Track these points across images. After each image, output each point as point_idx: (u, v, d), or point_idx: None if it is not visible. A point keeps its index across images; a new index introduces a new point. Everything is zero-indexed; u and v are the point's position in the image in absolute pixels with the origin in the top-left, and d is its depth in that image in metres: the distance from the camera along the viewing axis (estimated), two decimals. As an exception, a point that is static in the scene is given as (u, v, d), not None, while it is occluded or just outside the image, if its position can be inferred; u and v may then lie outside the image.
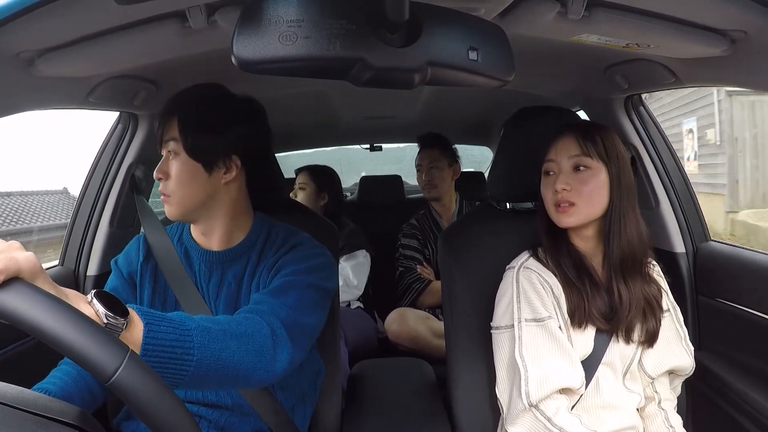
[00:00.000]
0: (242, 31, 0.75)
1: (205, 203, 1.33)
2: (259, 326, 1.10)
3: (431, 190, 3.02)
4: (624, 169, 1.39)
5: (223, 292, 1.36)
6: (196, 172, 1.30)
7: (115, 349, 0.66)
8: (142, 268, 1.41)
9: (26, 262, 0.69)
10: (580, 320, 1.38)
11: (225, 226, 1.37)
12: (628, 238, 1.38)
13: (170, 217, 1.34)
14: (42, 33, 1.03)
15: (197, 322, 0.97)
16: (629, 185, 1.40)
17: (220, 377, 1.00)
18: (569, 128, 1.42)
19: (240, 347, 1.02)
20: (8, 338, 1.55)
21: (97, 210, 1.96)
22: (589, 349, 1.39)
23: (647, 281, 1.43)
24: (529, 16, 1.13)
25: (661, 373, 1.44)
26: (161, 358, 0.88)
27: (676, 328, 1.47)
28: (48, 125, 39.68)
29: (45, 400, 0.74)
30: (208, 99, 1.35)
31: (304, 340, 1.22)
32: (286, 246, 1.37)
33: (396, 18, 0.75)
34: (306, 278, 1.27)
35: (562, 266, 1.42)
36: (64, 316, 0.65)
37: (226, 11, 1.04)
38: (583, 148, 1.37)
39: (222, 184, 1.34)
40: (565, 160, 1.39)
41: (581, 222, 1.39)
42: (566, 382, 1.32)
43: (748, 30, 1.13)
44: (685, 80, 1.49)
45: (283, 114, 2.72)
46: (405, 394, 1.83)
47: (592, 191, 1.36)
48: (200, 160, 1.30)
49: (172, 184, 1.31)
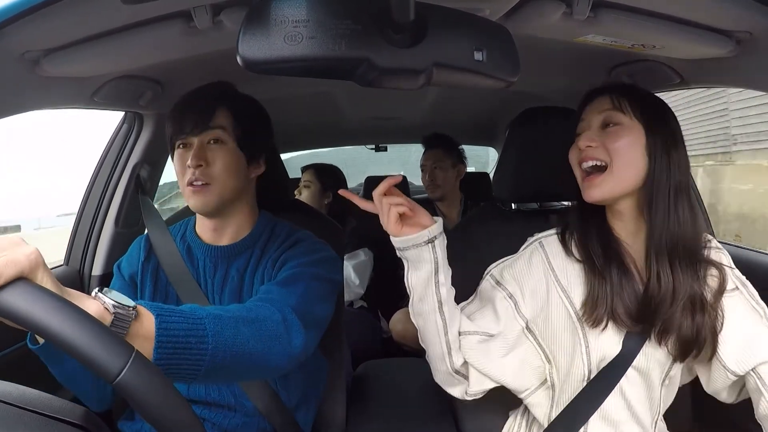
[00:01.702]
0: (248, 31, 0.75)
1: (239, 195, 1.37)
2: (270, 312, 1.09)
3: (434, 190, 3.04)
4: (675, 140, 1.18)
5: (227, 286, 1.37)
6: (240, 162, 1.35)
7: (121, 348, 0.65)
8: (143, 268, 1.41)
9: (27, 260, 0.68)
10: (597, 317, 1.19)
11: (240, 220, 1.41)
12: (680, 220, 1.16)
13: (204, 206, 1.32)
14: (47, 33, 1.03)
15: (207, 311, 0.97)
16: (682, 162, 1.18)
17: (237, 365, 0.98)
18: (605, 87, 1.26)
19: (253, 333, 1.01)
20: (9, 338, 1.55)
21: (102, 210, 1.97)
22: (615, 350, 1.21)
23: (698, 277, 1.18)
24: (535, 17, 1.13)
25: (752, 366, 1.14)
26: (176, 349, 0.86)
27: (752, 306, 1.20)
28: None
29: (48, 399, 0.73)
30: (250, 100, 1.43)
31: (315, 328, 1.22)
32: (289, 241, 1.38)
33: (401, 18, 0.75)
34: (313, 270, 1.28)
35: (589, 249, 1.23)
36: (68, 315, 0.64)
37: (232, 11, 1.04)
38: (615, 102, 1.20)
39: (251, 177, 1.42)
40: (594, 116, 1.22)
41: (614, 193, 1.19)
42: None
43: (754, 31, 1.13)
44: (690, 81, 1.49)
45: (288, 114, 2.73)
46: (410, 395, 1.83)
47: (624, 150, 1.17)
48: (246, 152, 1.36)
49: (216, 171, 1.31)
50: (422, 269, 1.15)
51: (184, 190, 1.33)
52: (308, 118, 3.01)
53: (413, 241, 1.13)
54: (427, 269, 1.15)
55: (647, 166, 1.17)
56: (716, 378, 1.19)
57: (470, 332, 1.24)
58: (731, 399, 1.24)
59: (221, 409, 1.35)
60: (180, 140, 1.34)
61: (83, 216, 1.99)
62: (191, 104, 1.34)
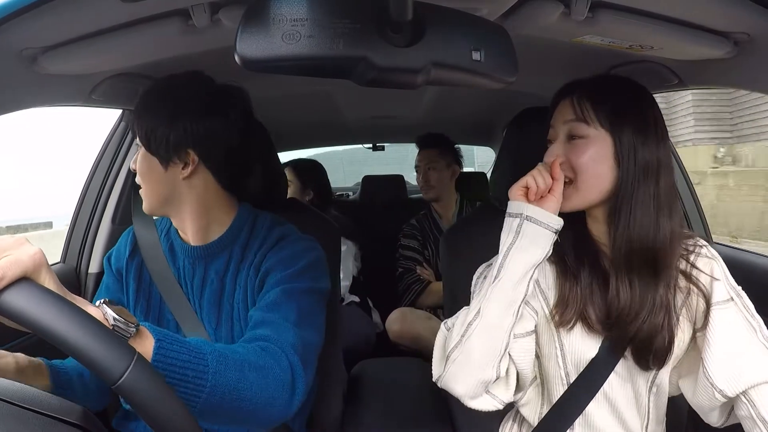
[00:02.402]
0: (245, 29, 0.74)
1: (169, 199, 1.31)
2: (279, 358, 1.05)
3: (429, 191, 3.04)
4: (645, 137, 1.12)
5: (206, 290, 1.33)
6: (153, 165, 1.28)
7: (123, 352, 0.65)
8: (128, 263, 1.40)
9: (31, 260, 0.68)
10: (566, 318, 1.16)
11: (196, 221, 1.33)
12: (640, 226, 1.11)
13: (144, 210, 1.34)
14: (45, 30, 1.03)
15: (214, 347, 0.94)
16: (652, 161, 1.12)
17: (234, 411, 0.95)
18: (571, 86, 1.20)
19: (259, 380, 0.98)
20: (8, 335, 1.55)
21: (99, 207, 1.97)
22: (590, 354, 1.18)
23: (668, 283, 1.14)
24: (533, 17, 1.13)
25: (742, 388, 1.08)
26: (172, 379, 0.84)
27: (746, 320, 1.12)
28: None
29: (47, 397, 0.73)
30: (166, 90, 1.29)
31: (313, 360, 1.19)
32: (270, 239, 1.32)
33: (400, 18, 0.75)
34: (299, 284, 1.23)
35: (563, 248, 1.20)
36: (72, 317, 0.64)
37: (230, 9, 1.04)
38: (577, 110, 1.15)
39: (181, 179, 1.28)
40: (561, 126, 1.18)
41: (585, 204, 1.16)
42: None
43: (752, 32, 1.13)
44: (688, 82, 1.49)
45: (286, 113, 2.73)
46: (406, 394, 1.83)
47: (588, 165, 1.12)
48: (155, 153, 1.27)
49: (139, 177, 1.31)
50: (531, 253, 1.10)
51: None
52: (306, 117, 3.01)
53: (546, 220, 1.10)
54: (536, 256, 1.10)
55: (615, 173, 1.13)
56: (701, 395, 1.14)
57: (522, 335, 1.18)
58: (718, 422, 1.18)
59: None
60: None
61: (80, 213, 1.99)
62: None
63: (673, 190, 1.17)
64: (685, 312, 1.18)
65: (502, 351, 1.12)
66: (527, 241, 1.10)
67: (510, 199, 1.15)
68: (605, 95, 1.16)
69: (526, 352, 1.18)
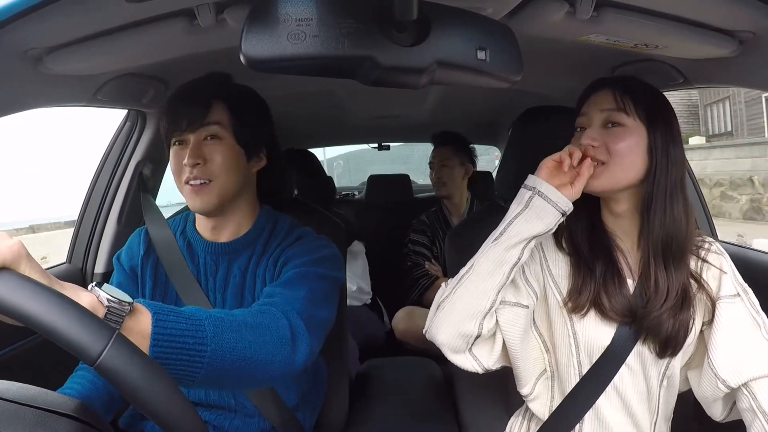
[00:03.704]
0: (251, 29, 0.75)
1: (239, 192, 1.35)
2: (276, 317, 1.07)
3: (441, 187, 3.05)
4: (673, 137, 1.18)
5: (230, 284, 1.36)
6: (240, 158, 1.33)
7: (101, 330, 0.65)
8: (143, 263, 1.40)
9: (9, 251, 0.68)
10: (580, 304, 1.20)
11: (240, 216, 1.38)
12: (675, 218, 1.17)
13: (204, 206, 1.30)
14: (50, 30, 1.04)
15: (209, 313, 0.95)
16: (679, 158, 1.18)
17: (237, 371, 0.96)
18: (608, 80, 1.25)
19: (257, 338, 0.99)
20: (12, 337, 1.55)
21: (105, 208, 1.97)
22: (604, 342, 1.20)
23: (689, 273, 1.20)
24: (538, 16, 1.13)
25: (745, 379, 1.12)
26: (173, 349, 0.85)
27: (752, 315, 1.17)
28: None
29: (43, 393, 0.73)
30: (247, 91, 1.40)
31: (321, 332, 1.21)
32: (291, 237, 1.36)
33: (404, 17, 0.75)
34: (316, 269, 1.26)
35: (577, 242, 1.26)
36: (47, 300, 0.64)
37: (235, 9, 1.04)
38: (618, 102, 1.18)
39: (252, 173, 1.39)
40: (596, 113, 1.21)
41: (613, 186, 1.19)
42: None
43: (757, 31, 1.13)
44: (693, 80, 1.48)
45: (291, 112, 2.73)
46: (412, 393, 1.83)
47: (625, 152, 1.16)
48: (245, 147, 1.33)
49: (215, 169, 1.28)
50: (533, 225, 1.15)
51: (182, 189, 1.31)
52: (310, 116, 3.01)
53: (556, 199, 1.14)
54: (537, 229, 1.15)
55: (647, 166, 1.18)
56: (705, 385, 1.18)
57: (511, 303, 1.22)
58: (720, 416, 1.22)
59: (221, 411, 1.35)
60: (176, 137, 1.31)
61: (86, 214, 1.99)
62: (186, 99, 1.31)
63: (687, 189, 1.23)
64: (696, 304, 1.21)
65: (487, 309, 1.17)
66: (533, 214, 1.15)
67: (536, 170, 1.19)
68: (642, 93, 1.20)
69: (513, 324, 1.22)
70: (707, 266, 1.22)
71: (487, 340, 1.23)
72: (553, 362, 1.30)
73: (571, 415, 1.26)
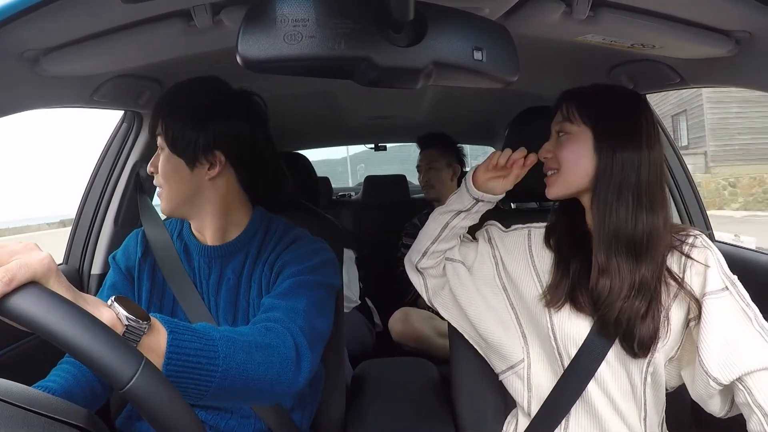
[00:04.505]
0: (247, 30, 0.75)
1: (191, 199, 1.33)
2: (282, 337, 1.08)
3: (429, 190, 3.05)
4: (623, 138, 1.22)
5: (223, 288, 1.36)
6: (178, 167, 1.30)
7: (131, 356, 0.65)
8: (140, 264, 1.41)
9: (39, 264, 0.67)
10: (557, 297, 1.27)
11: (217, 222, 1.36)
12: (620, 216, 1.21)
13: (162, 211, 1.35)
14: (47, 32, 1.03)
15: (222, 333, 0.96)
16: (629, 159, 1.21)
17: (243, 390, 0.98)
18: (560, 100, 1.34)
19: (265, 359, 1.01)
20: (11, 336, 1.55)
21: (102, 208, 1.97)
22: (581, 334, 1.25)
23: (654, 273, 1.21)
24: (534, 16, 1.13)
25: (736, 374, 1.11)
26: (186, 368, 0.86)
27: (741, 308, 1.16)
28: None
29: (51, 400, 0.73)
30: (192, 93, 1.33)
31: (320, 345, 1.22)
32: (286, 240, 1.36)
33: (401, 17, 0.75)
34: (313, 277, 1.27)
35: (559, 238, 1.36)
36: (80, 323, 0.64)
37: (232, 10, 1.04)
38: (564, 113, 1.30)
39: (207, 180, 1.32)
40: (553, 128, 1.34)
41: (565, 192, 1.30)
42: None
43: (753, 31, 1.13)
44: (690, 81, 1.48)
45: (288, 113, 2.73)
46: (409, 394, 1.83)
47: (570, 156, 1.26)
48: (181, 155, 1.29)
49: (160, 179, 1.32)
50: (456, 203, 1.43)
51: None
52: (308, 118, 3.00)
53: (470, 187, 1.39)
54: (457, 207, 1.42)
55: (595, 165, 1.24)
56: (698, 384, 1.19)
57: (455, 260, 1.46)
58: (720, 411, 1.21)
59: (218, 411, 1.35)
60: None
61: (82, 215, 1.98)
62: (154, 110, 1.35)
63: (658, 188, 1.25)
64: (678, 302, 1.24)
65: (423, 249, 1.47)
66: (459, 195, 1.43)
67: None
68: (591, 99, 1.29)
69: (455, 275, 1.45)
70: (691, 262, 1.23)
71: (438, 279, 1.49)
72: (533, 351, 1.37)
73: (558, 409, 1.30)
